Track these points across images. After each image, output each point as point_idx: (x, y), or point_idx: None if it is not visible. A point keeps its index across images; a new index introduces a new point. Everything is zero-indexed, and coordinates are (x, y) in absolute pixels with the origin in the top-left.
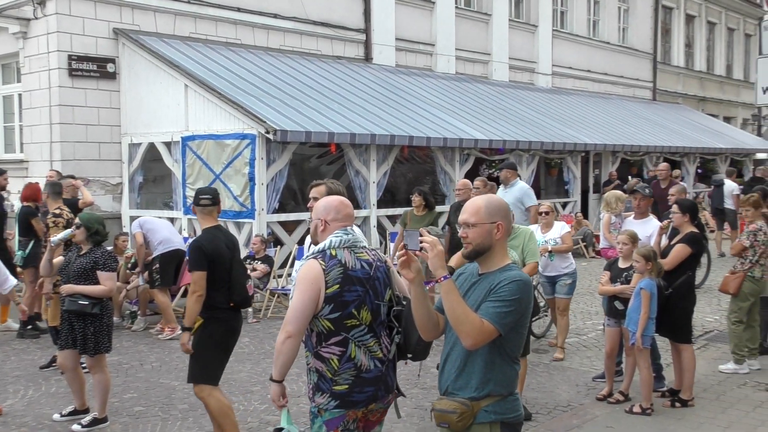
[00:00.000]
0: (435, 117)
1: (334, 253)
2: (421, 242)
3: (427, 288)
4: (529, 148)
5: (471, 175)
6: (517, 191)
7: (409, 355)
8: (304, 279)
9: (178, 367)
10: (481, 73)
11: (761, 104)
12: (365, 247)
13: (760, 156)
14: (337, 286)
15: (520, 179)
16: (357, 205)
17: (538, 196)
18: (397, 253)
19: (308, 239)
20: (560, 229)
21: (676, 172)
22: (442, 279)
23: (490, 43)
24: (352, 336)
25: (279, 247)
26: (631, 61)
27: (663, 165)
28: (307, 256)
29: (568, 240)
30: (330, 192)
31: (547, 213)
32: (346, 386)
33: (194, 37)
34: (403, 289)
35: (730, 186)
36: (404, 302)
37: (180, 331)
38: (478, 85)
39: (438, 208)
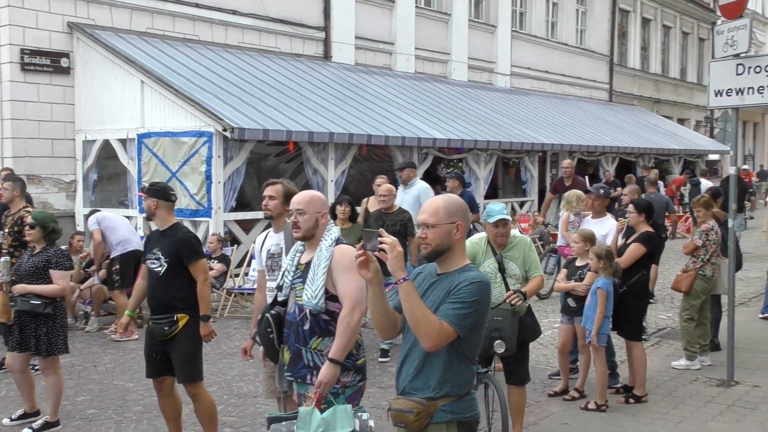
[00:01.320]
0: (394, 116)
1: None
2: (380, 243)
3: (387, 290)
4: (487, 147)
5: (429, 174)
6: (416, 190)
7: None
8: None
9: (132, 368)
10: (440, 73)
11: (713, 107)
12: None
13: (712, 157)
14: None
15: (420, 178)
16: None
17: (496, 196)
18: (356, 253)
19: (260, 238)
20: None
21: (653, 174)
22: (402, 281)
23: (450, 43)
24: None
25: (236, 246)
26: (588, 62)
27: (566, 162)
28: (332, 244)
29: None
30: (288, 191)
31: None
32: (363, 358)
33: (151, 32)
34: None
35: (707, 185)
36: None
37: (136, 336)
38: (437, 84)
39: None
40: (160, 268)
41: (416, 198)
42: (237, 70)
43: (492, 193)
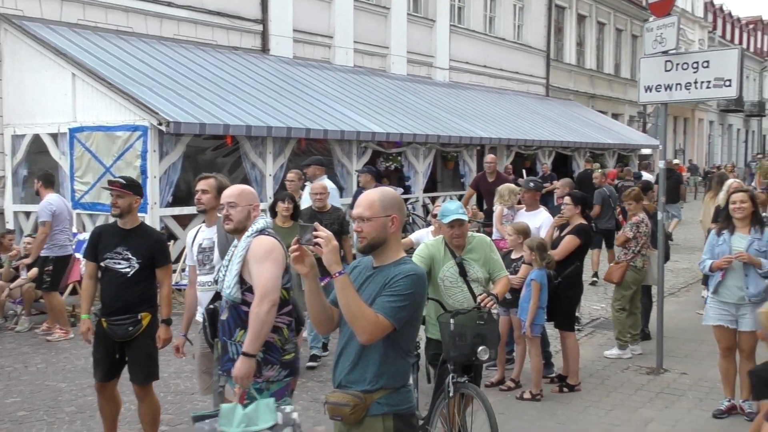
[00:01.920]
0: (332, 110)
1: (272, 231)
2: (315, 237)
3: (322, 284)
4: (426, 141)
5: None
6: None
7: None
8: (272, 251)
9: (65, 368)
10: (379, 67)
11: (643, 102)
12: None
13: (644, 151)
14: (288, 258)
15: (326, 177)
16: None
17: (435, 190)
18: (291, 248)
19: (191, 233)
20: None
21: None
22: (337, 275)
23: (389, 37)
24: (293, 306)
25: (172, 241)
26: (525, 57)
27: (489, 157)
28: (252, 235)
29: None
30: (221, 185)
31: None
32: (293, 354)
33: (83, 24)
34: None
35: (648, 178)
36: None
37: (71, 335)
38: (376, 78)
39: None
40: (129, 269)
41: None
42: (172, 63)
43: (431, 187)
